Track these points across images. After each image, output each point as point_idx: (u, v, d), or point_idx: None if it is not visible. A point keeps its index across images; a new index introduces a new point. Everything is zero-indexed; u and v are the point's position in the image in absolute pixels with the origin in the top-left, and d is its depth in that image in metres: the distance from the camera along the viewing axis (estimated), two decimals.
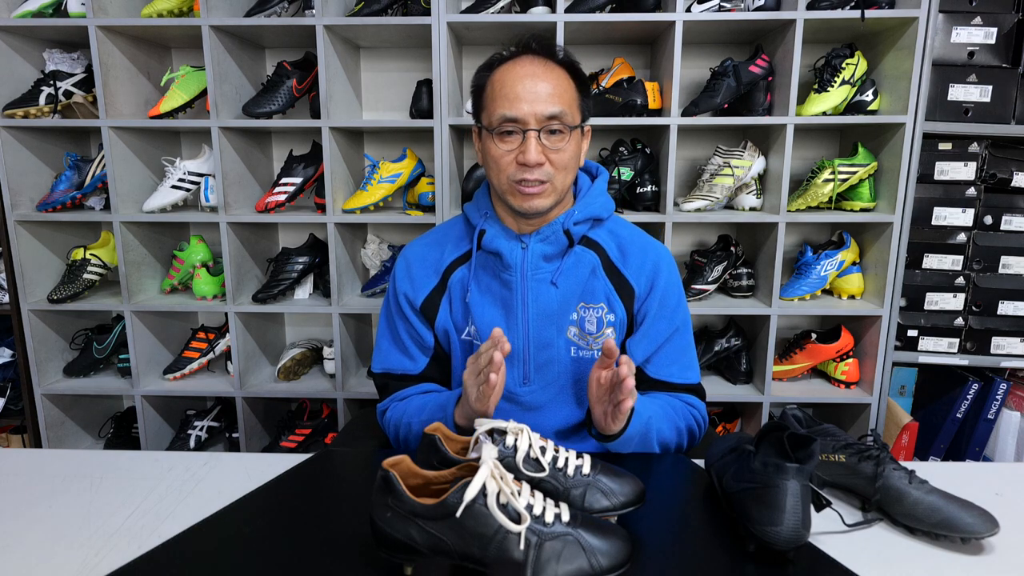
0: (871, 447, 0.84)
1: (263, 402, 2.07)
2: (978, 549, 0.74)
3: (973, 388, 1.82)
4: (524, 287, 1.02)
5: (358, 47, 2.03)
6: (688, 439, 1.04)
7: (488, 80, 1.00)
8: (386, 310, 1.14)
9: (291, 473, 0.91)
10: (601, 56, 2.00)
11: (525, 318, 1.03)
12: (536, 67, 0.97)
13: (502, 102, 0.96)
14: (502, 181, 0.99)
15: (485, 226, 1.05)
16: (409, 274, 1.10)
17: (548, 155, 0.96)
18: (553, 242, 1.03)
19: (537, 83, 0.95)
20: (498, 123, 0.96)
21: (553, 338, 1.03)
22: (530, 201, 0.98)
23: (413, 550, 0.64)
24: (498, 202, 1.05)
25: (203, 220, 1.86)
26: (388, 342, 1.13)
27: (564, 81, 0.98)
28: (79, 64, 1.92)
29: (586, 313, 1.04)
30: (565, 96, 0.97)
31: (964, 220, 1.80)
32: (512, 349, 1.03)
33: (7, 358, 2.04)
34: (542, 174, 0.96)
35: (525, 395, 1.05)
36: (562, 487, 0.74)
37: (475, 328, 1.05)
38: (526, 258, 1.02)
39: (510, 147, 0.97)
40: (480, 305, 1.05)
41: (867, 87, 1.78)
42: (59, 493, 0.87)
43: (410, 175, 1.92)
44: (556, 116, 0.95)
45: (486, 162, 1.02)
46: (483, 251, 1.05)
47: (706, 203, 1.83)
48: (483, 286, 1.06)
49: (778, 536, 0.67)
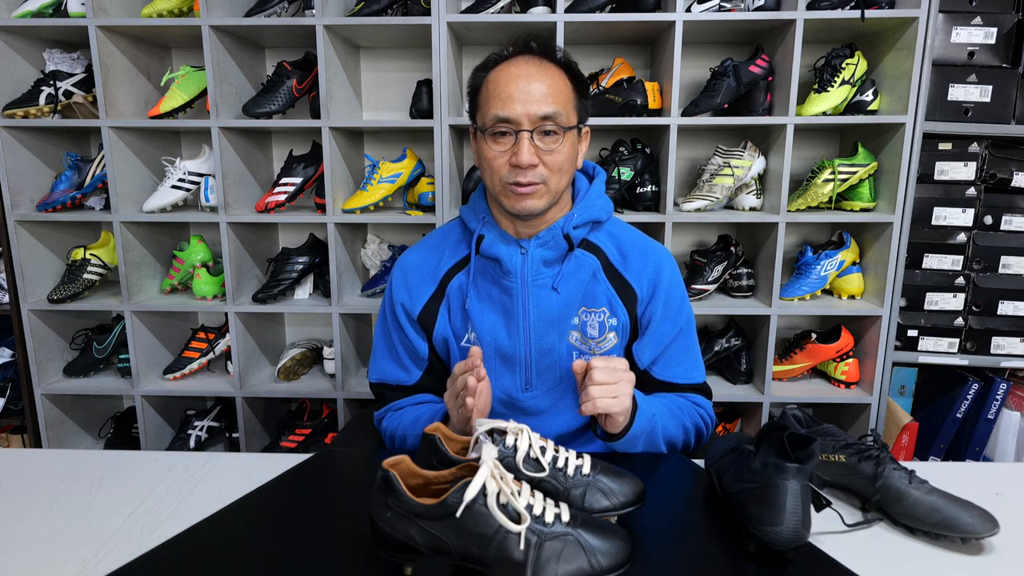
0: (871, 447, 0.84)
1: (263, 402, 2.07)
2: (978, 549, 0.74)
3: (973, 388, 1.82)
4: (525, 293, 1.01)
5: (358, 47, 2.03)
6: (696, 438, 1.04)
7: (484, 80, 0.99)
8: (382, 319, 1.14)
9: (291, 473, 0.91)
10: (601, 56, 2.00)
11: (526, 324, 1.02)
12: (531, 67, 0.95)
13: (495, 102, 0.95)
14: (495, 182, 0.98)
15: (483, 231, 1.04)
16: (406, 283, 1.09)
17: (542, 156, 0.95)
18: (553, 247, 1.02)
19: (531, 83, 0.94)
20: (491, 123, 0.95)
21: (555, 343, 1.03)
22: (523, 202, 0.96)
23: (413, 550, 0.64)
24: (495, 205, 1.04)
25: (203, 220, 1.86)
26: (383, 352, 1.13)
27: (560, 81, 0.97)
28: (79, 64, 1.92)
29: (588, 317, 1.03)
30: (560, 96, 0.96)
31: (964, 220, 1.80)
32: (513, 356, 1.03)
33: (7, 358, 2.05)
34: (535, 176, 0.95)
35: (527, 400, 1.04)
36: (562, 487, 0.74)
37: (475, 335, 1.05)
38: (526, 264, 1.01)
39: (503, 148, 0.96)
40: (480, 312, 1.04)
41: (867, 87, 1.78)
42: (59, 493, 0.87)
43: (410, 175, 1.92)
44: (550, 116, 0.94)
45: (480, 163, 1.01)
46: (482, 257, 1.04)
47: (706, 203, 1.83)
48: (482, 293, 1.04)
49: (778, 536, 0.67)
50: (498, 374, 1.04)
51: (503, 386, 1.04)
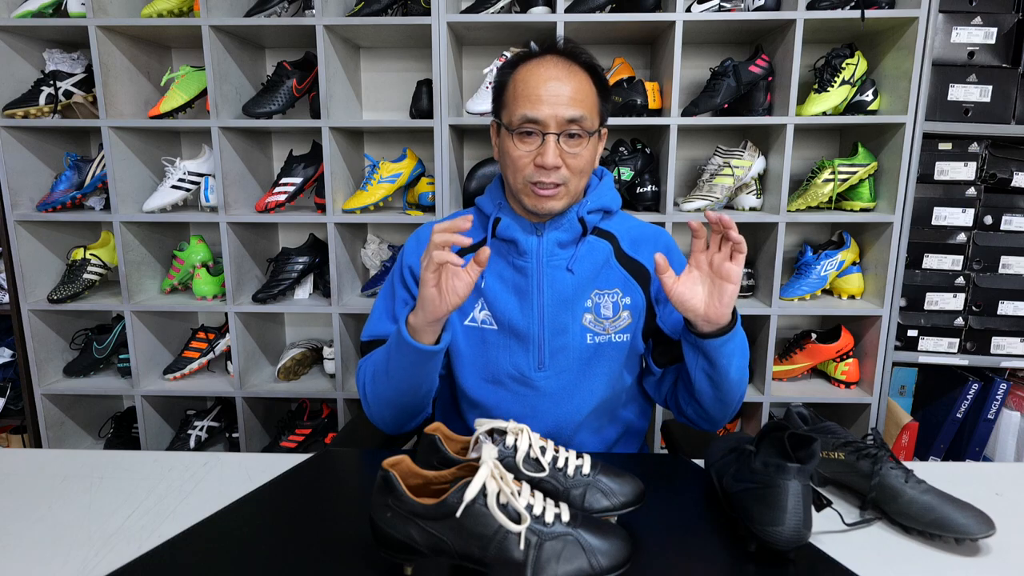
0: (870, 445, 0.84)
1: (263, 402, 2.07)
2: (977, 549, 0.74)
3: (973, 388, 1.82)
4: (540, 273, 1.03)
5: (358, 47, 2.03)
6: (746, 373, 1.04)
7: (511, 78, 1.00)
8: (387, 285, 1.14)
9: (291, 473, 0.91)
10: (601, 56, 1.96)
11: (540, 304, 1.03)
12: (560, 70, 0.97)
13: (524, 102, 0.96)
14: (518, 181, 1.00)
15: (500, 215, 1.06)
16: (419, 252, 1.09)
17: (565, 159, 0.97)
18: (567, 229, 1.04)
19: (560, 86, 0.95)
20: (518, 123, 0.97)
21: (568, 324, 1.04)
22: (544, 203, 0.99)
23: (413, 550, 0.64)
24: (511, 198, 1.06)
25: (203, 220, 1.86)
26: (381, 311, 1.12)
27: (586, 85, 0.98)
28: (79, 64, 1.92)
29: (601, 299, 1.05)
30: (587, 101, 0.98)
31: (964, 220, 1.80)
32: (527, 334, 1.04)
33: (7, 358, 2.04)
34: (558, 177, 0.97)
35: (540, 380, 1.05)
36: (562, 487, 0.74)
37: (488, 313, 1.05)
38: (541, 245, 1.03)
39: (529, 148, 0.98)
40: (494, 291, 1.05)
41: (867, 87, 1.78)
42: (59, 493, 0.87)
43: (410, 175, 1.92)
44: (576, 120, 0.96)
45: (503, 160, 1.03)
46: (497, 238, 1.06)
47: (706, 203, 1.83)
48: (497, 273, 1.06)
49: (779, 536, 0.67)
50: (512, 351, 1.05)
51: (516, 364, 1.05)
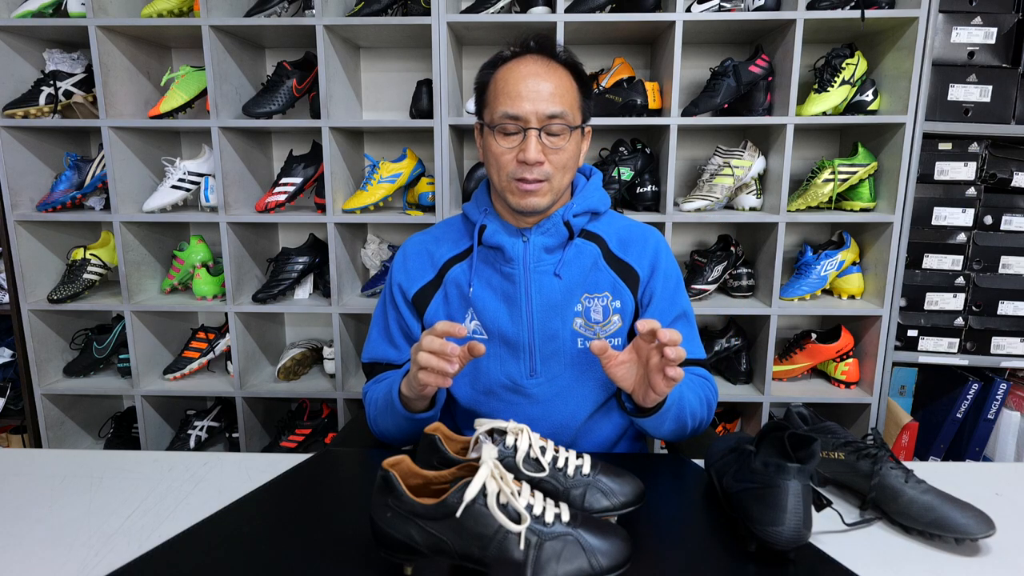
0: (870, 446, 0.84)
1: (263, 402, 2.07)
2: (977, 549, 0.74)
3: (973, 388, 1.82)
4: (527, 279, 1.03)
5: (358, 47, 2.03)
6: (708, 412, 1.04)
7: (491, 77, 1.02)
8: (381, 301, 1.16)
9: (291, 473, 0.91)
10: (601, 56, 2.00)
11: (529, 310, 1.04)
12: (539, 67, 0.98)
13: (504, 100, 0.97)
14: (502, 178, 1.01)
15: (485, 221, 1.06)
16: (405, 266, 1.12)
17: (548, 154, 0.98)
18: (554, 234, 1.04)
19: (540, 82, 0.97)
20: (500, 120, 0.98)
21: (559, 329, 1.04)
22: (527, 199, 0.99)
23: (413, 550, 0.64)
24: (497, 200, 1.07)
25: (203, 220, 1.86)
26: (378, 332, 1.15)
27: (566, 81, 1.00)
28: (79, 64, 1.92)
29: (591, 303, 1.05)
30: (567, 97, 0.99)
31: (964, 220, 1.80)
32: (517, 342, 1.04)
33: (7, 358, 2.04)
34: (541, 173, 0.98)
35: (532, 387, 1.05)
36: (562, 487, 0.74)
37: (478, 322, 1.06)
38: (528, 251, 1.04)
39: (511, 145, 0.98)
40: (483, 299, 1.06)
41: (867, 87, 1.78)
42: (59, 493, 0.87)
43: (410, 175, 1.92)
44: (557, 116, 0.97)
45: (487, 159, 1.03)
46: (484, 246, 1.07)
47: (706, 203, 1.83)
48: (484, 281, 1.07)
49: (780, 536, 0.67)
50: (503, 360, 1.05)
51: (508, 372, 1.05)
